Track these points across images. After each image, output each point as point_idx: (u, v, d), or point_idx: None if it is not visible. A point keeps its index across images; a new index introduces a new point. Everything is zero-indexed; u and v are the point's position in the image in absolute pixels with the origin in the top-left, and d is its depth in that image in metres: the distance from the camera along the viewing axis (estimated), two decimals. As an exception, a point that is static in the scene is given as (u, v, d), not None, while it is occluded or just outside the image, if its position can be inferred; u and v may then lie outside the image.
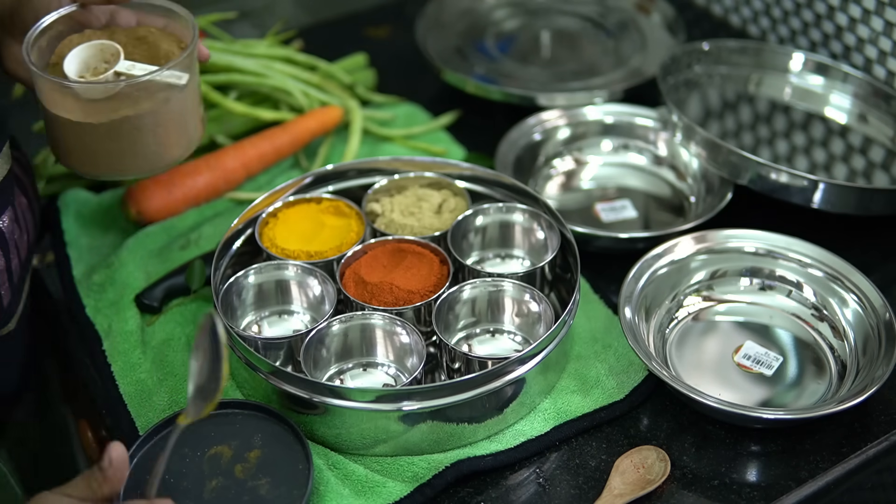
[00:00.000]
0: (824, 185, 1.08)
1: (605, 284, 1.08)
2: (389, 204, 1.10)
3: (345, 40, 1.48)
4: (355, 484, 0.89)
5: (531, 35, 1.49)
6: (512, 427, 0.94)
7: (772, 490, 0.89)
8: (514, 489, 0.90)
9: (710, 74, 1.32)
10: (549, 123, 1.26)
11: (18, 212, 0.97)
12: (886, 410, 0.95)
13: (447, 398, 0.89)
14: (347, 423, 0.90)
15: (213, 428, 0.90)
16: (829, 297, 1.03)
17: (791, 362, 1.00)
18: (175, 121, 0.97)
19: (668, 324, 1.03)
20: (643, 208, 1.20)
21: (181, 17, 0.99)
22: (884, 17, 1.24)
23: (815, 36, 1.35)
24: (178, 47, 0.98)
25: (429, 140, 1.29)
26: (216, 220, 1.16)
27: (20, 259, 0.97)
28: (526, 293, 1.00)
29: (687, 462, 0.91)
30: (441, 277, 1.01)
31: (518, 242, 1.09)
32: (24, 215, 0.99)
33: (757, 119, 1.28)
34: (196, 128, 1.01)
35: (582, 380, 0.98)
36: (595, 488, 0.89)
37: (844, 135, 1.25)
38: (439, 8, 1.48)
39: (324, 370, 0.97)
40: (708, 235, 1.07)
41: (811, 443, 0.92)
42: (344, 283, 1.00)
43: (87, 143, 0.96)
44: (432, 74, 1.37)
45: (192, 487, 0.85)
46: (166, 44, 0.98)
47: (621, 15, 1.48)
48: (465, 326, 1.01)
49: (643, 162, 1.25)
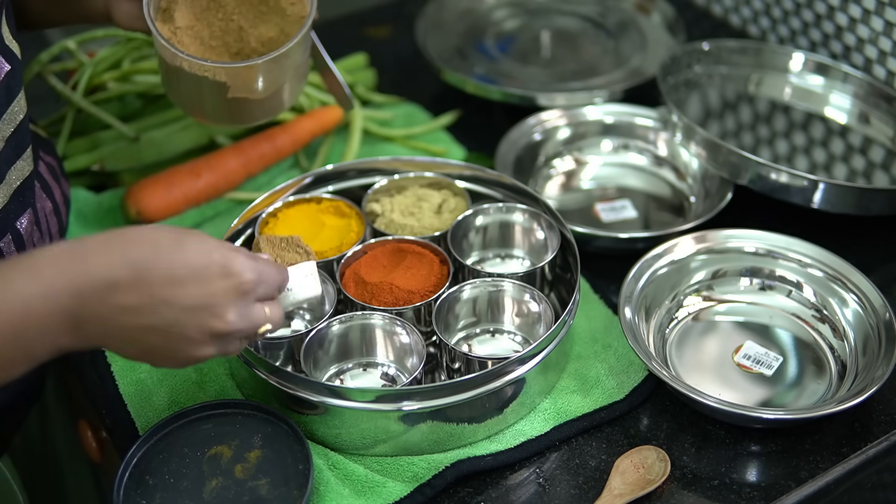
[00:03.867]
0: (824, 186, 1.08)
1: (605, 284, 1.08)
2: (389, 204, 1.09)
3: (345, 40, 1.48)
4: (355, 484, 0.89)
5: (531, 35, 1.49)
6: (512, 427, 0.94)
7: (772, 490, 0.89)
8: (514, 489, 0.90)
9: (710, 74, 1.31)
10: (549, 123, 1.26)
11: (41, 215, 0.97)
12: (886, 410, 0.95)
13: (447, 398, 0.89)
14: (347, 423, 0.90)
15: (212, 428, 0.90)
16: (830, 297, 1.03)
17: (791, 362, 1.00)
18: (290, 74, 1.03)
19: (668, 324, 1.03)
20: (643, 208, 1.20)
21: None
22: (884, 17, 1.24)
23: (815, 36, 1.35)
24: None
25: (429, 140, 1.29)
26: (216, 220, 1.16)
27: None
28: (526, 293, 1.00)
29: (687, 462, 0.91)
30: (441, 277, 1.00)
31: (518, 242, 1.09)
32: (48, 219, 0.99)
33: (757, 119, 1.28)
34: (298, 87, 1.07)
35: (582, 380, 0.98)
36: (595, 488, 0.89)
37: (844, 135, 1.25)
38: (439, 8, 1.48)
39: (324, 370, 0.97)
40: (708, 235, 1.07)
41: (811, 443, 0.92)
42: (344, 283, 1.00)
43: (203, 94, 1.02)
44: (432, 74, 1.37)
45: (191, 487, 0.85)
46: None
47: (621, 15, 1.48)
48: (465, 326, 1.01)
49: (643, 162, 1.25)
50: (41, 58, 1.22)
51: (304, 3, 1.03)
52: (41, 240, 0.97)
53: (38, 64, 1.22)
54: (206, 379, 0.99)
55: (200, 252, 0.73)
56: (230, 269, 0.74)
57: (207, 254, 0.74)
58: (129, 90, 1.22)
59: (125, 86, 1.22)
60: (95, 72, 1.22)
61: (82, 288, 0.70)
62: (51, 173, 1.02)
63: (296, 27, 1.02)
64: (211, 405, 0.91)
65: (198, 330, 0.74)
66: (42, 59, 1.22)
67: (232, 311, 0.75)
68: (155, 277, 0.72)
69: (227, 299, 0.74)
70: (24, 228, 0.93)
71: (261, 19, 1.04)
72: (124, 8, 0.99)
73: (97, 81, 1.23)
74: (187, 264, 0.73)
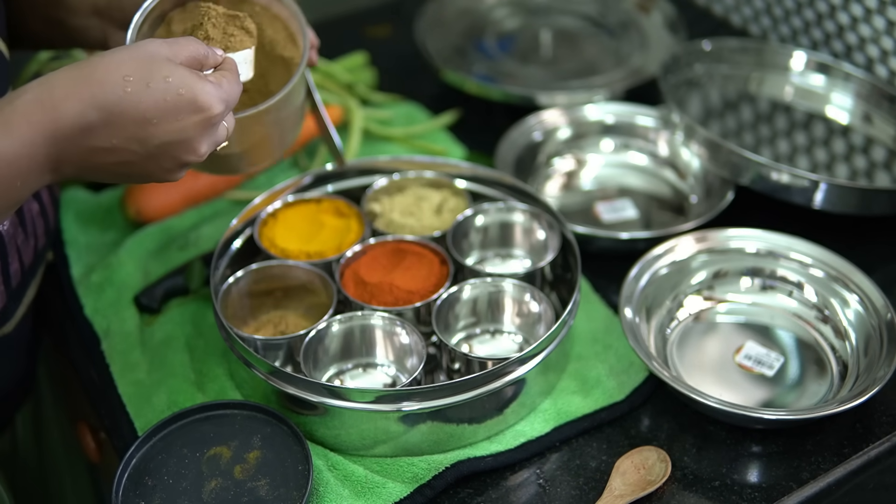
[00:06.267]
0: (826, 186, 1.08)
1: (605, 284, 1.07)
2: (389, 204, 1.09)
3: (344, 39, 1.47)
4: (355, 485, 0.89)
5: (531, 34, 1.49)
6: (512, 428, 0.94)
7: (773, 491, 0.89)
8: (514, 490, 0.90)
9: (711, 74, 1.31)
10: (550, 123, 1.25)
11: (27, 217, 0.97)
12: (888, 411, 0.95)
13: (447, 399, 0.89)
14: (347, 424, 0.90)
15: (212, 429, 0.90)
16: (831, 297, 1.03)
17: (792, 363, 1.00)
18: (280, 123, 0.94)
19: (669, 324, 1.03)
20: (644, 208, 1.19)
21: (287, 5, 0.95)
22: (886, 17, 1.23)
23: (816, 35, 1.35)
24: (284, 33, 0.95)
25: (429, 139, 1.29)
26: (215, 220, 1.16)
27: (22, 264, 0.97)
28: (526, 293, 0.99)
29: (688, 463, 0.91)
30: (441, 277, 1.00)
31: (518, 242, 1.09)
32: (34, 221, 0.99)
33: (758, 119, 1.28)
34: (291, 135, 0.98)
35: (582, 380, 0.98)
36: (596, 489, 0.89)
37: (846, 134, 1.25)
38: (439, 7, 1.47)
39: (323, 371, 0.97)
40: (709, 235, 1.07)
41: (812, 443, 0.92)
42: (344, 283, 1.00)
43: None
44: (432, 74, 1.36)
45: (191, 488, 0.85)
46: (271, 30, 0.95)
47: (621, 14, 1.48)
48: (466, 327, 1.01)
49: (644, 162, 1.25)
50: (40, 56, 1.22)
51: (298, 51, 0.94)
52: (25, 242, 0.97)
53: (38, 63, 1.22)
54: (205, 379, 0.98)
55: (168, 91, 0.74)
56: (200, 105, 0.76)
57: (175, 91, 0.75)
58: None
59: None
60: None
61: (56, 135, 0.73)
62: None
63: (286, 77, 0.93)
64: (210, 406, 0.91)
65: (172, 161, 0.77)
66: (41, 57, 1.22)
67: (203, 143, 0.78)
68: (126, 118, 0.74)
69: (198, 133, 0.77)
70: (6, 230, 0.93)
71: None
72: (121, 40, 0.98)
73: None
74: (156, 103, 0.74)
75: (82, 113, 0.73)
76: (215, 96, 0.77)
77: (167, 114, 0.74)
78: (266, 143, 0.94)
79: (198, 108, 0.76)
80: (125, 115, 0.73)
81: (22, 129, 0.72)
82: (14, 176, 0.72)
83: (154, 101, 0.74)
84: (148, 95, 0.74)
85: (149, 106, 0.74)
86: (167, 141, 0.75)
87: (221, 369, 0.99)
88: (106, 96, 0.73)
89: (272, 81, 0.94)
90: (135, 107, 0.73)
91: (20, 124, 0.72)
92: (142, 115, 0.74)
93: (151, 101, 0.74)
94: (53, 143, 0.73)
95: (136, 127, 0.74)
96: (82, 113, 0.73)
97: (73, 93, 0.73)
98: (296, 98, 0.95)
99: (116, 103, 0.73)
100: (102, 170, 0.76)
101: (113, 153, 0.75)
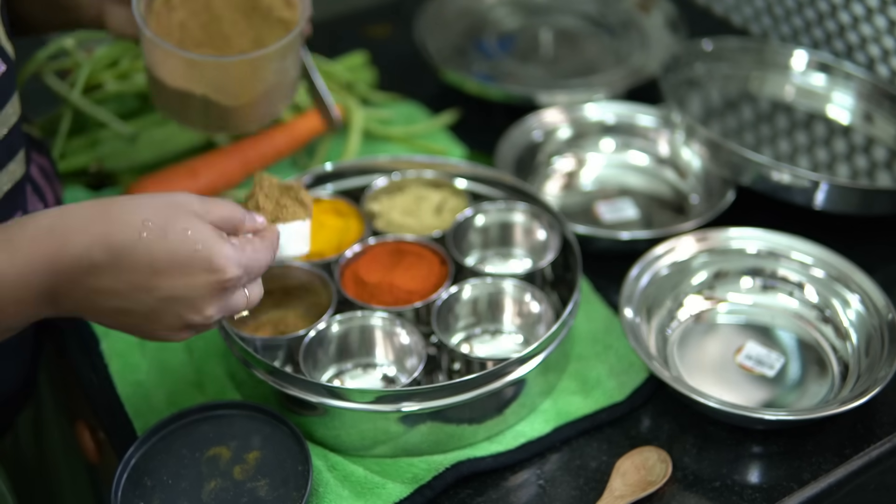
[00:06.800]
0: (827, 186, 1.08)
1: (605, 284, 1.07)
2: (389, 204, 1.09)
3: (344, 39, 1.47)
4: (355, 485, 0.89)
5: (531, 34, 1.49)
6: (512, 428, 0.94)
7: (774, 492, 0.88)
8: (514, 490, 0.90)
9: (711, 73, 1.31)
10: (550, 122, 1.25)
11: None
12: (889, 412, 0.94)
13: (447, 399, 0.88)
14: (347, 424, 0.90)
15: (211, 429, 0.89)
16: (832, 297, 1.03)
17: (793, 363, 0.99)
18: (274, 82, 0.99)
19: (670, 324, 1.03)
20: (644, 208, 1.19)
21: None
22: (887, 16, 1.23)
23: (817, 34, 1.34)
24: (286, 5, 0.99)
25: (429, 139, 1.29)
26: (215, 220, 1.16)
27: None
28: (526, 293, 0.99)
29: (688, 463, 0.91)
30: (441, 277, 1.00)
31: (518, 242, 1.08)
32: None
33: (759, 118, 1.28)
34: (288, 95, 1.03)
35: (583, 381, 0.98)
36: (596, 490, 0.89)
37: (847, 134, 1.25)
38: (439, 6, 1.47)
39: (323, 371, 0.97)
40: (710, 235, 1.07)
41: (813, 444, 0.92)
42: (343, 283, 1.00)
43: (189, 102, 0.98)
44: (432, 73, 1.36)
45: (190, 489, 0.85)
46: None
47: (622, 14, 1.48)
48: (466, 327, 1.01)
49: (644, 161, 1.25)
50: (39, 56, 1.22)
51: (294, 14, 1.00)
52: None
53: (36, 63, 1.21)
54: (204, 380, 0.98)
55: (185, 243, 0.71)
56: (214, 265, 0.72)
57: (192, 246, 0.71)
58: (127, 89, 1.22)
59: (123, 84, 1.22)
60: (94, 70, 1.22)
61: (57, 266, 0.70)
62: (43, 176, 1.02)
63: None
64: (210, 406, 0.91)
65: (175, 319, 0.73)
66: (40, 57, 1.22)
67: (212, 307, 0.74)
68: (134, 264, 0.70)
69: (207, 294, 0.73)
70: None
71: (250, 25, 1.02)
72: (117, 13, 0.98)
73: (95, 80, 1.22)
74: (170, 255, 0.71)
75: (88, 249, 0.70)
76: (232, 259, 0.73)
77: (178, 267, 0.71)
78: (260, 100, 0.99)
79: (211, 268, 0.72)
80: (134, 260, 0.70)
81: (25, 252, 0.69)
82: (7, 301, 0.70)
83: (167, 252, 0.71)
84: (162, 244, 0.71)
85: (161, 255, 0.71)
86: (173, 296, 0.72)
87: (221, 369, 0.99)
88: (118, 237, 0.70)
89: (269, 44, 0.98)
90: (146, 253, 0.70)
91: (25, 247, 0.70)
92: (151, 264, 0.70)
93: (165, 251, 0.71)
94: (53, 273, 0.70)
95: (142, 275, 0.71)
96: (88, 249, 0.70)
97: (86, 227, 0.70)
98: (286, 59, 0.98)
99: (127, 246, 0.70)
100: (103, 313, 0.73)
101: (115, 297, 0.71)
